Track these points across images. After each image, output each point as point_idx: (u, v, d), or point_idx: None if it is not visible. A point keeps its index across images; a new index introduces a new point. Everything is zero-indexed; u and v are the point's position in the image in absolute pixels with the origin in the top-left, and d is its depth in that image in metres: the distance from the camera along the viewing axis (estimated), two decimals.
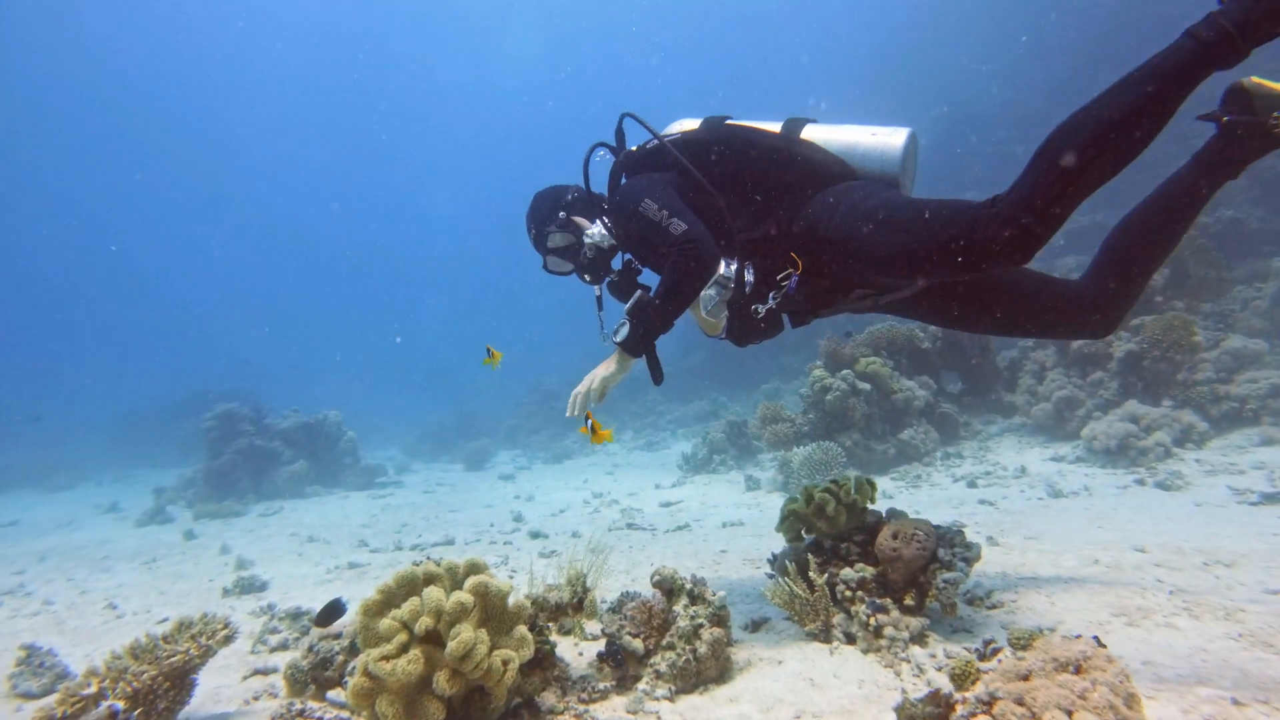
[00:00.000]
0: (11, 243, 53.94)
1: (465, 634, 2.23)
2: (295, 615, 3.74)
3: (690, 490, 8.16)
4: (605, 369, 3.08)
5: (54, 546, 7.69)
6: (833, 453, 7.11)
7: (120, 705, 2.53)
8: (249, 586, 4.98)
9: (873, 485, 3.12)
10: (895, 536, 2.83)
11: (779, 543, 5.06)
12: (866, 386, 7.48)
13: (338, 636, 2.88)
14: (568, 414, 3.06)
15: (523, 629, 2.43)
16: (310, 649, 2.85)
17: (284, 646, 3.57)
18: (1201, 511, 4.34)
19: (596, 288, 3.58)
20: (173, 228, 58.62)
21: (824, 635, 2.83)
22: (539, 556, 5.41)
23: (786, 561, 3.06)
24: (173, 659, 2.59)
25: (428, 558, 3.44)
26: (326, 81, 51.09)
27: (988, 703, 1.85)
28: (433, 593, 2.34)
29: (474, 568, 2.53)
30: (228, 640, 2.74)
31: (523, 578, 4.46)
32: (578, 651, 3.00)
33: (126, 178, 52.91)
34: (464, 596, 2.32)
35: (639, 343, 3.03)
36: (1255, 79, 2.60)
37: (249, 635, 3.75)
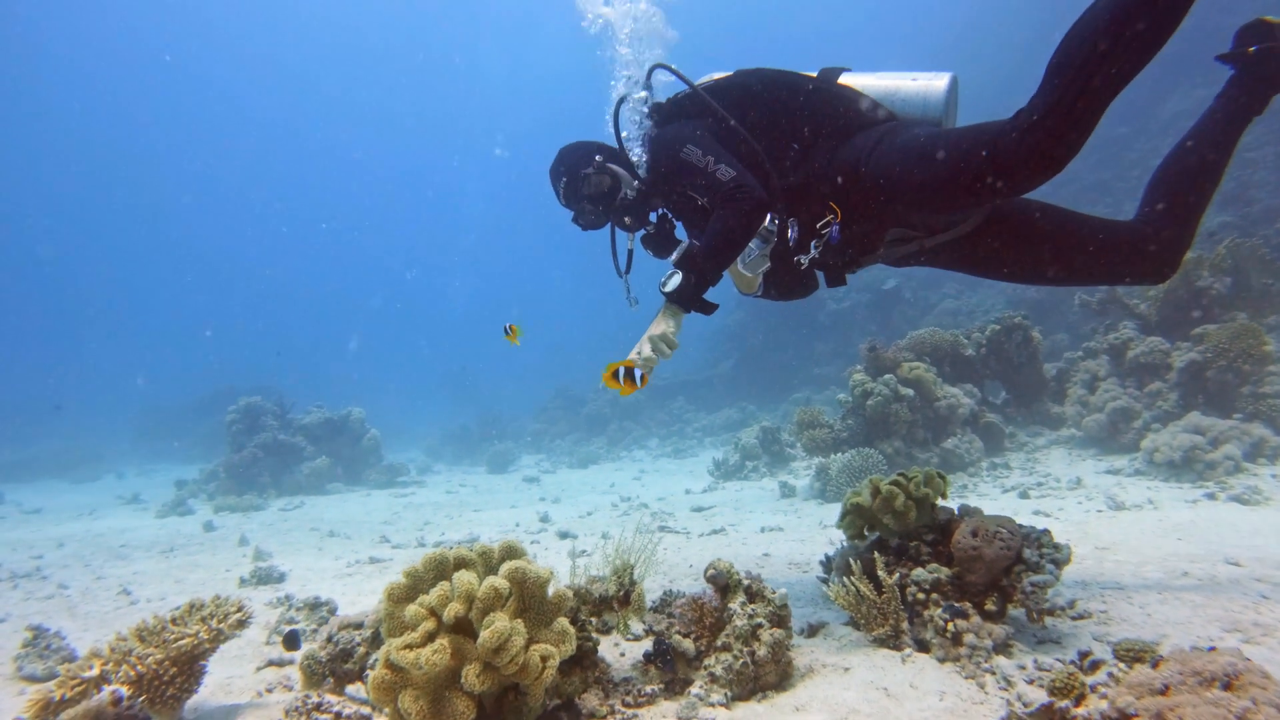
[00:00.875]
0: (40, 239, 54.99)
1: (499, 624, 1.99)
2: (314, 605, 3.51)
3: (722, 496, 7.87)
4: (657, 328, 2.90)
5: (73, 534, 7.56)
6: (873, 460, 6.80)
7: (124, 690, 2.31)
8: (266, 577, 4.78)
9: (944, 479, 2.85)
10: (975, 534, 2.55)
11: (821, 548, 4.78)
12: (909, 392, 7.17)
13: (359, 626, 2.65)
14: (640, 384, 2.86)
15: (564, 622, 2.18)
16: (329, 639, 2.62)
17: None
18: None
19: (630, 239, 3.46)
20: (204, 225, 59.51)
21: (893, 642, 2.55)
22: (569, 556, 5.16)
23: (850, 560, 2.79)
24: (181, 642, 2.37)
25: (458, 544, 3.21)
26: (356, 83, 51.51)
27: None
28: (464, 577, 2.09)
29: (510, 552, 2.29)
30: (241, 625, 2.52)
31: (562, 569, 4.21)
32: (619, 652, 2.75)
33: (152, 175, 53.74)
34: (499, 582, 2.08)
35: (691, 294, 2.86)
36: (1270, 17, 2.66)
37: (264, 625, 3.54)
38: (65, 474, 15.49)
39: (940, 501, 2.84)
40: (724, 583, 2.50)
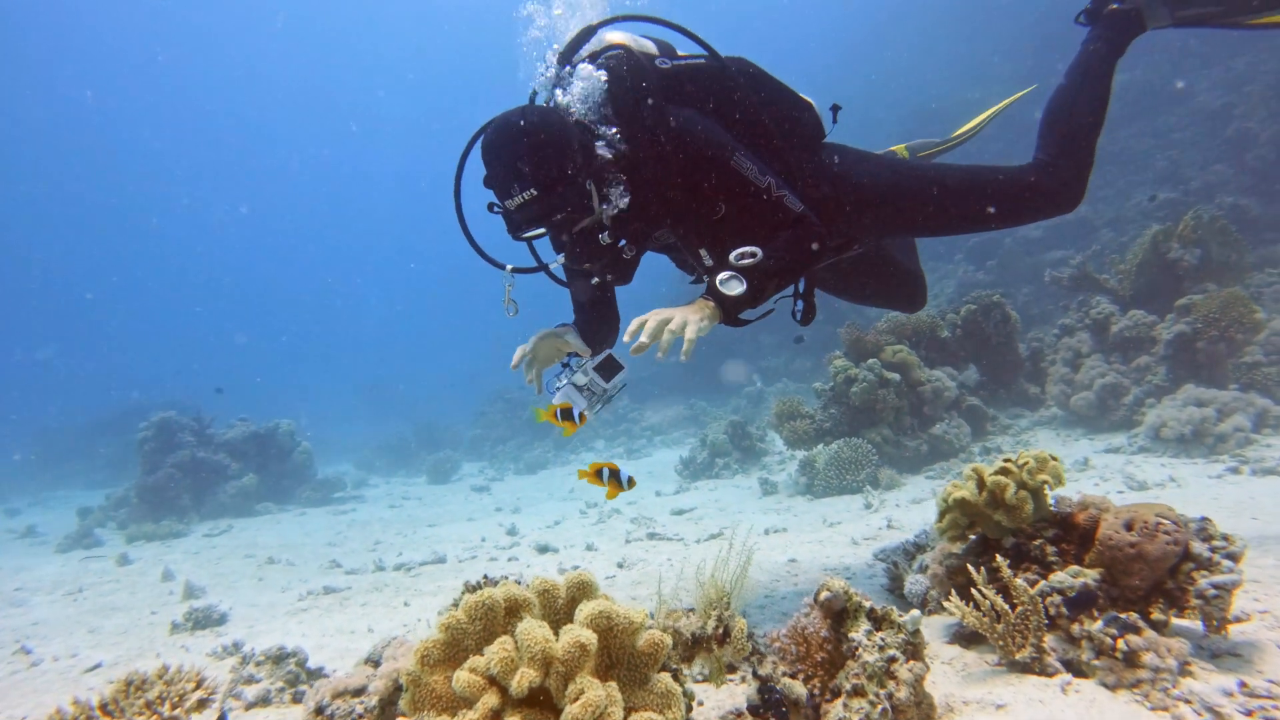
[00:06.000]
0: None
1: (592, 694, 1.40)
2: (279, 658, 2.82)
3: (698, 496, 7.37)
4: (698, 317, 2.32)
5: None
6: (863, 450, 6.41)
7: None
8: (204, 620, 4.01)
9: (1058, 461, 2.40)
10: (1130, 527, 2.10)
11: (843, 550, 4.31)
12: (895, 377, 6.81)
13: (359, 692, 2.02)
14: (643, 337, 2.28)
15: (666, 680, 1.60)
16: (319, 710, 1.98)
17: (265, 700, 2.66)
18: None
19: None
20: (99, 239, 55.82)
21: (1038, 665, 2.07)
22: (559, 574, 4.56)
23: (970, 568, 2.30)
24: None
25: (505, 577, 2.57)
26: (267, 85, 49.21)
27: None
28: (533, 631, 1.48)
29: (584, 587, 1.71)
30: (203, 706, 1.85)
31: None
32: (696, 701, 2.19)
33: (53, 182, 50.07)
34: (583, 634, 1.48)
35: (740, 309, 2.42)
36: None
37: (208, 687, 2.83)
38: None
39: (1059, 488, 2.39)
40: (839, 606, 1.97)
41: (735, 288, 2.36)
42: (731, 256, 2.44)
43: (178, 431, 10.05)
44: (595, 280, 2.85)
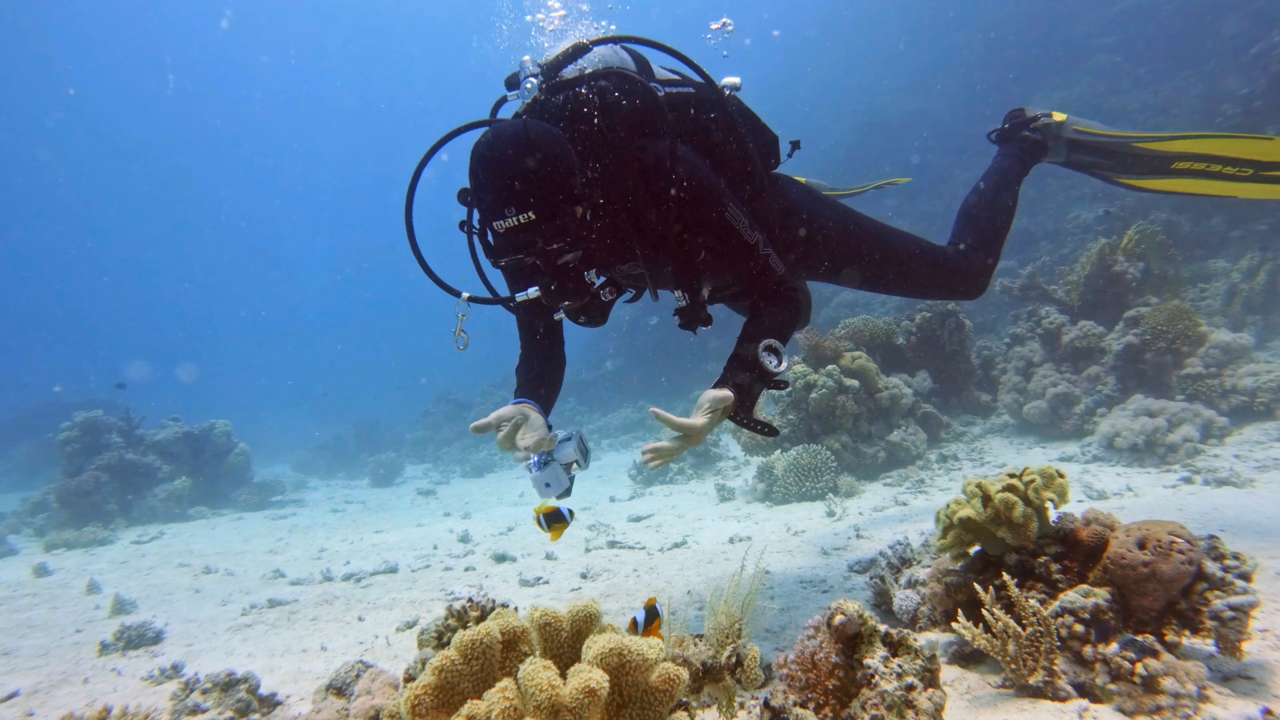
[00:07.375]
0: None
1: None
2: (227, 685, 2.58)
3: (654, 503, 7.25)
4: (711, 425, 2.31)
5: None
6: (822, 457, 6.39)
7: None
8: (137, 639, 3.70)
9: (1064, 477, 2.35)
10: (1143, 545, 2.04)
11: (815, 560, 4.24)
12: (855, 383, 6.81)
13: None
14: (649, 461, 2.34)
15: (683, 718, 1.47)
16: None
17: None
18: None
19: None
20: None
21: (1050, 690, 2.00)
22: (520, 585, 4.38)
23: (976, 586, 2.22)
24: None
25: (488, 598, 2.38)
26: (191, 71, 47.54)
27: None
28: (537, 675, 1.31)
29: (590, 618, 1.55)
30: None
31: (521, 603, 3.43)
32: None
33: None
34: (593, 678, 1.32)
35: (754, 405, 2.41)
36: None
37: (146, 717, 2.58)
38: None
39: (1064, 504, 2.34)
40: (854, 631, 1.86)
41: (759, 391, 2.40)
42: (761, 348, 2.38)
43: (104, 432, 9.44)
44: (558, 316, 2.65)
